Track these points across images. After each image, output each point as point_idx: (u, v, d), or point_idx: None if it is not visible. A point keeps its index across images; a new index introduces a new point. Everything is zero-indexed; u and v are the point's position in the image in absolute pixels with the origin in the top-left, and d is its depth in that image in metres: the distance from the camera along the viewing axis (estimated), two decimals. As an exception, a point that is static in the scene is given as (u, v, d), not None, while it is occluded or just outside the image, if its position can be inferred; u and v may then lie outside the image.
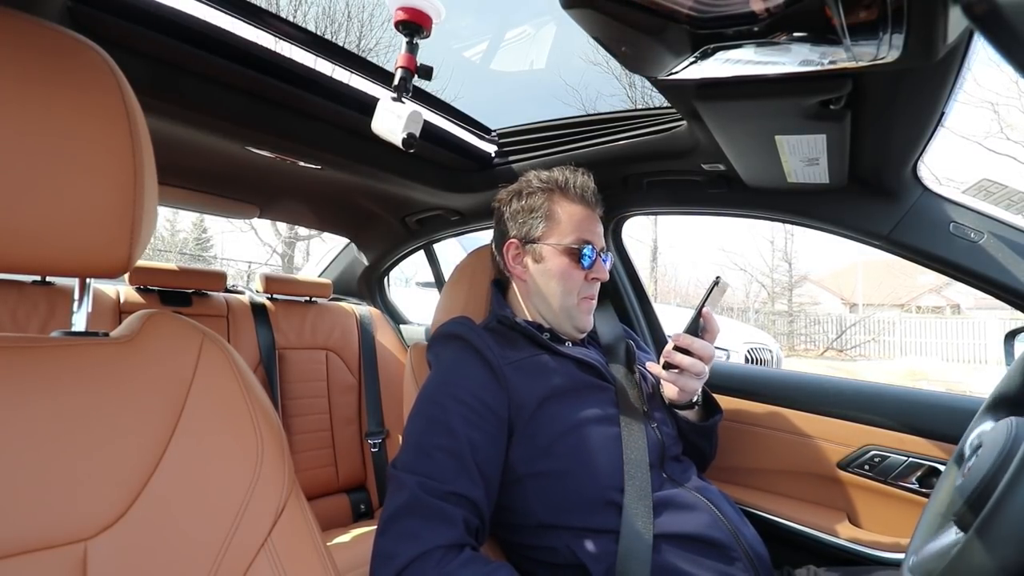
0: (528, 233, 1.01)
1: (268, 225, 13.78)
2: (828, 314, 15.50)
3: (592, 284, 1.02)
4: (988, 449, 0.55)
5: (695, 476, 0.95)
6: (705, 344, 0.96)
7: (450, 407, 0.84)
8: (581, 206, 1.01)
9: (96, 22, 0.79)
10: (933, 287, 16.42)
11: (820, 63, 0.67)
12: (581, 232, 0.99)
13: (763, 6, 0.57)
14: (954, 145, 11.33)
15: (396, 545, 0.72)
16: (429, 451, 0.80)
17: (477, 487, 0.79)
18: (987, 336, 13.10)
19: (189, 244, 17.93)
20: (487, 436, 0.83)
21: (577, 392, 0.93)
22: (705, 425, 1.05)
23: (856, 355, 13.81)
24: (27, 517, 0.47)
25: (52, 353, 0.53)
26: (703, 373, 0.97)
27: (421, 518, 0.73)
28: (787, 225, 13.82)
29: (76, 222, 0.50)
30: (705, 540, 0.82)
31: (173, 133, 1.10)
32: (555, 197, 1.01)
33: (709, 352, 0.96)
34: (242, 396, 0.59)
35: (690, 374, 0.96)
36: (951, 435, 1.05)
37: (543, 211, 1.00)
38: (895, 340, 14.29)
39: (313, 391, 1.83)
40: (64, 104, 0.50)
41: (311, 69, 1.00)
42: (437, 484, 0.76)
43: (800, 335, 15.00)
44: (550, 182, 1.02)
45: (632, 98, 10.07)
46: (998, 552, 0.45)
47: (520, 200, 1.03)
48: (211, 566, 0.52)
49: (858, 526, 1.14)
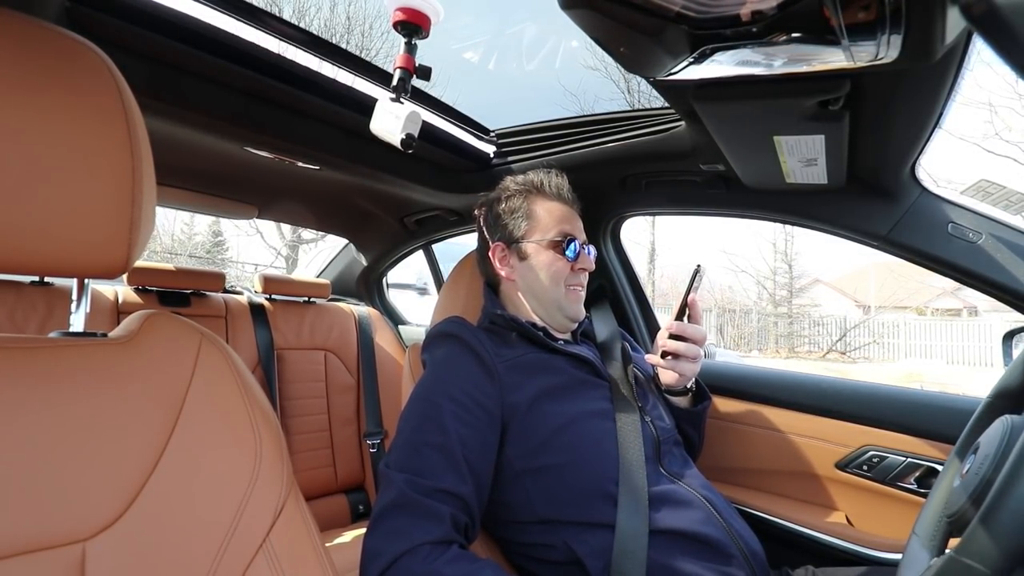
0: (511, 234, 1.04)
1: (273, 229, 13.97)
2: (830, 316, 15.47)
3: (578, 274, 1.04)
4: (985, 448, 0.55)
5: (692, 472, 0.96)
6: (697, 327, 1.02)
7: (442, 404, 0.84)
8: (559, 203, 1.05)
9: (94, 22, 0.79)
10: (949, 289, 16.33)
11: (818, 64, 0.67)
12: (562, 226, 1.03)
13: (762, 7, 0.57)
14: (950, 146, 11.39)
15: (383, 543, 0.72)
16: (419, 448, 0.80)
17: (466, 484, 0.79)
18: (993, 339, 12.98)
19: (205, 246, 18.01)
20: (478, 434, 0.84)
21: (572, 388, 0.94)
22: (695, 410, 1.10)
23: (858, 357, 13.81)
24: (25, 517, 0.47)
25: (50, 354, 0.53)
26: (698, 356, 1.01)
27: (409, 515, 0.74)
28: (787, 227, 13.85)
29: (74, 222, 0.50)
30: (700, 537, 0.82)
31: (171, 133, 1.10)
32: (533, 197, 1.05)
33: (701, 335, 1.01)
34: (240, 396, 0.59)
35: (686, 358, 1.00)
36: (949, 435, 1.05)
37: (523, 211, 1.04)
38: (899, 343, 14.21)
39: (311, 391, 1.83)
40: (62, 104, 0.50)
41: (310, 70, 1.00)
42: (425, 481, 0.76)
43: (800, 337, 14.99)
44: (526, 184, 1.06)
45: (631, 103, 10.10)
46: (996, 549, 0.45)
47: (500, 204, 1.07)
48: (209, 566, 0.52)
49: (856, 526, 1.14)
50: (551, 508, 0.85)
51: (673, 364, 1.01)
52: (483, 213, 1.11)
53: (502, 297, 1.09)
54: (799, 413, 1.24)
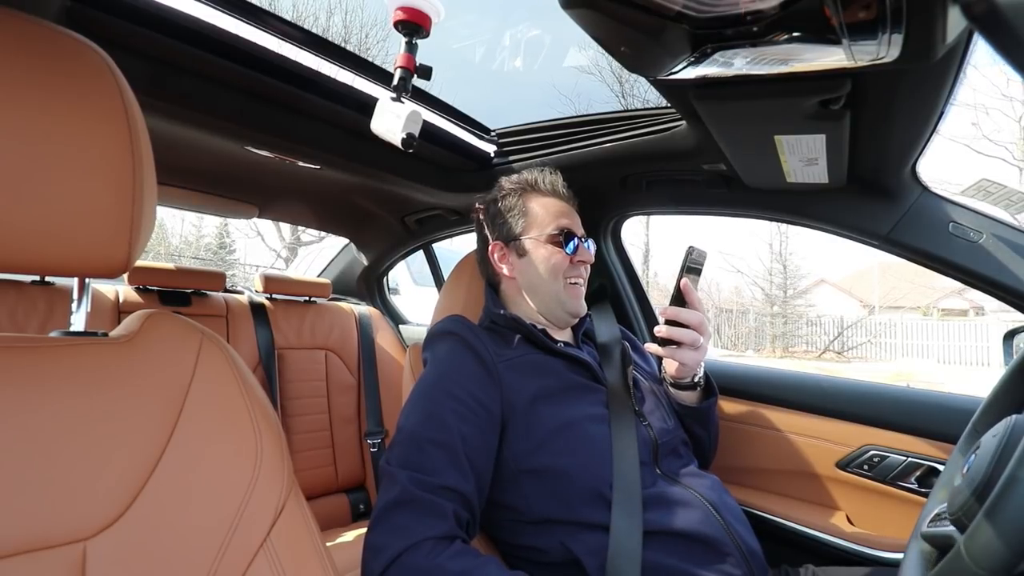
0: (509, 232, 1.05)
1: (273, 230, 14.09)
2: (826, 316, 15.47)
3: (577, 267, 1.04)
4: (986, 448, 0.55)
5: (693, 472, 0.96)
6: (692, 312, 0.96)
7: (443, 402, 0.85)
8: (554, 199, 1.06)
9: (95, 22, 0.79)
10: (955, 289, 16.28)
11: (819, 63, 0.67)
12: (559, 221, 1.03)
13: (762, 6, 0.57)
14: (939, 147, 11.45)
15: (387, 538, 0.72)
16: (421, 445, 0.81)
17: (468, 481, 0.80)
18: (990, 339, 13.03)
19: (212, 247, 18.12)
20: (479, 432, 0.84)
21: (568, 391, 0.94)
22: (701, 407, 1.05)
23: (853, 356, 13.82)
24: (26, 517, 0.47)
25: (51, 353, 0.53)
26: (698, 343, 0.96)
27: (412, 512, 0.74)
28: (781, 227, 13.78)
29: (75, 222, 0.50)
30: (696, 536, 0.82)
31: (172, 133, 1.10)
32: (528, 194, 1.06)
33: (696, 319, 0.96)
34: (241, 396, 0.59)
35: (687, 347, 0.96)
36: (950, 435, 1.05)
37: (519, 208, 1.05)
38: (896, 342, 14.24)
39: (312, 391, 1.83)
40: (63, 104, 0.50)
41: (310, 69, 1.00)
42: (428, 478, 0.77)
43: (796, 336, 14.98)
44: (521, 182, 1.07)
45: (625, 106, 10.11)
46: (998, 548, 0.45)
47: (496, 204, 1.08)
48: (210, 566, 0.52)
49: (857, 526, 1.14)
50: (547, 509, 0.85)
51: (672, 352, 0.98)
52: (481, 214, 1.11)
53: (503, 297, 1.09)
54: (800, 413, 1.24)
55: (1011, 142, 12.53)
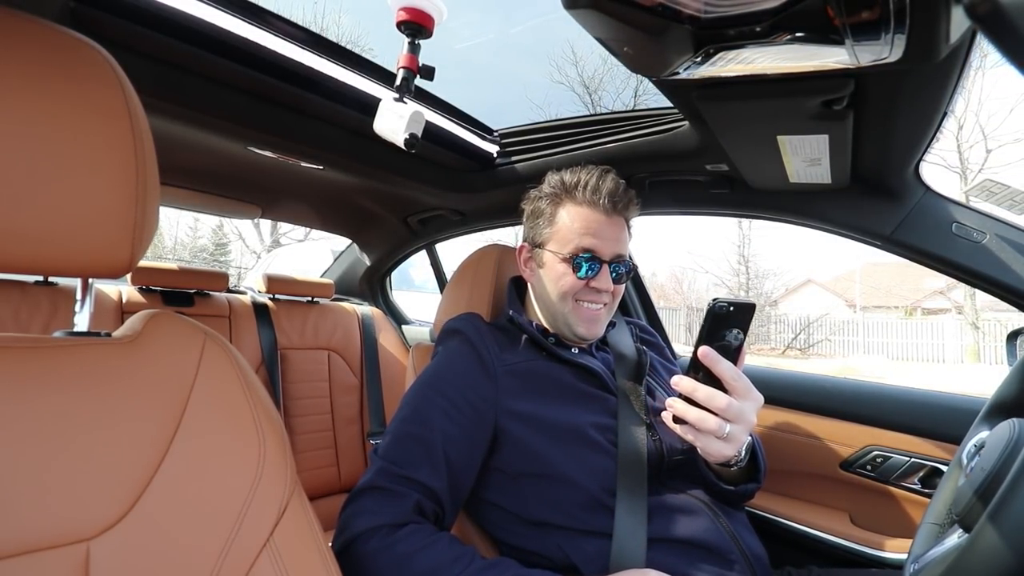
0: (535, 237, 1.01)
1: (254, 233, 14.43)
2: (787, 314, 15.66)
3: (592, 291, 0.95)
4: (990, 450, 0.55)
5: (700, 484, 0.93)
6: (712, 393, 0.71)
7: (432, 399, 0.87)
8: (589, 209, 0.94)
9: (98, 22, 0.79)
10: (939, 289, 16.40)
11: (822, 63, 0.67)
12: (582, 241, 0.93)
13: (766, 6, 0.56)
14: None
15: (350, 519, 0.77)
16: (401, 439, 0.84)
17: (440, 479, 0.81)
18: (945, 336, 13.42)
19: (208, 249, 18.25)
20: (464, 433, 0.85)
21: (571, 399, 0.92)
22: (727, 491, 0.86)
23: (812, 353, 14.10)
24: (29, 517, 0.47)
25: (54, 353, 0.53)
26: (722, 432, 0.71)
27: (376, 498, 0.79)
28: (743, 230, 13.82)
29: (78, 222, 0.50)
30: (701, 544, 0.82)
31: (175, 133, 1.10)
32: (562, 200, 0.97)
33: (720, 403, 0.71)
34: (244, 396, 0.59)
35: (707, 433, 0.72)
36: (953, 436, 1.05)
37: (547, 216, 0.98)
38: (858, 340, 14.51)
39: (315, 391, 1.84)
40: (66, 104, 0.50)
41: (313, 69, 1.00)
42: (398, 470, 0.81)
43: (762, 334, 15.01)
44: (558, 186, 0.98)
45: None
46: (1002, 551, 0.45)
47: (532, 203, 1.02)
48: (213, 566, 0.52)
49: (860, 527, 1.14)
50: (546, 513, 0.85)
51: (685, 432, 0.75)
52: (524, 204, 1.05)
53: (526, 297, 1.08)
54: (803, 414, 1.24)
55: (950, 149, 12.50)
